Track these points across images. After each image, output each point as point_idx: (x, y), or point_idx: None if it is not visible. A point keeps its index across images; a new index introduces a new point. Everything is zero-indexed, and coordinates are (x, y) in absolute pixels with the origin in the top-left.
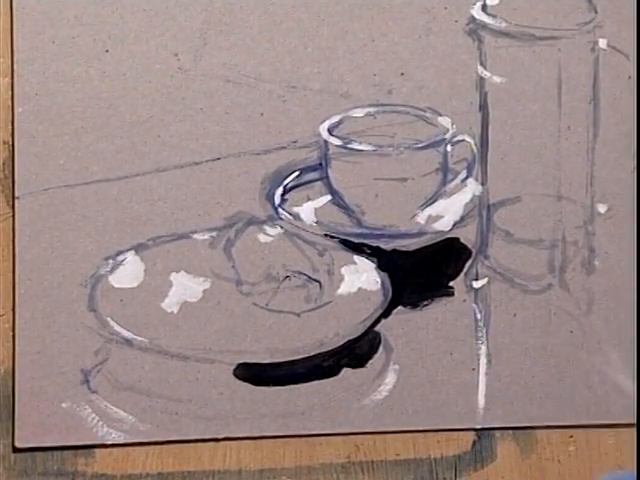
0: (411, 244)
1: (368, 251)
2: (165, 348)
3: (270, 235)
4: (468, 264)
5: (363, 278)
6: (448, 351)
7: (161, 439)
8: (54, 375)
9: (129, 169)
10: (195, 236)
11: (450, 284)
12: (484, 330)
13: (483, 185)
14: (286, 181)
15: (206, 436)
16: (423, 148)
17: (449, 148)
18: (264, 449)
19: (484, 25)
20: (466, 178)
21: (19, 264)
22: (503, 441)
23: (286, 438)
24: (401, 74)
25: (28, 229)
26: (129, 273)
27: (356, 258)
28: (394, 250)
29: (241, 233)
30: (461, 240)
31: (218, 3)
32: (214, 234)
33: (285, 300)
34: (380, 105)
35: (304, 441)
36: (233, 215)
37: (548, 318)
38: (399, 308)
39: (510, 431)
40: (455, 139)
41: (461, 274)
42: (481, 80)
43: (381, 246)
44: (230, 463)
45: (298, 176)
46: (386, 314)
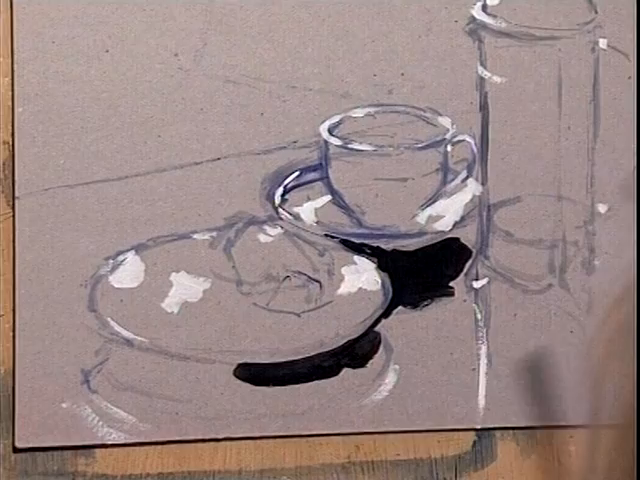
0: (411, 244)
1: (368, 251)
2: (165, 348)
3: (270, 235)
4: (468, 264)
5: (363, 278)
6: (448, 351)
7: (161, 439)
8: (54, 375)
9: (129, 169)
10: (195, 236)
11: (450, 284)
12: (484, 330)
13: (483, 185)
14: (286, 181)
15: (206, 436)
16: (423, 148)
17: (449, 148)
18: (264, 449)
19: (484, 25)
20: (466, 178)
21: (19, 264)
22: (503, 441)
23: (286, 438)
24: (401, 74)
25: (28, 229)
26: (129, 273)
27: (356, 258)
28: (394, 250)
29: (241, 233)
30: (461, 240)
31: (218, 3)
32: (214, 234)
33: (285, 300)
34: (380, 105)
35: (304, 441)
36: (233, 215)
37: (548, 318)
38: (399, 308)
39: (510, 431)
40: (455, 139)
41: (461, 274)
42: (481, 80)
43: (381, 246)
44: (230, 463)
45: (298, 176)
46: (386, 314)
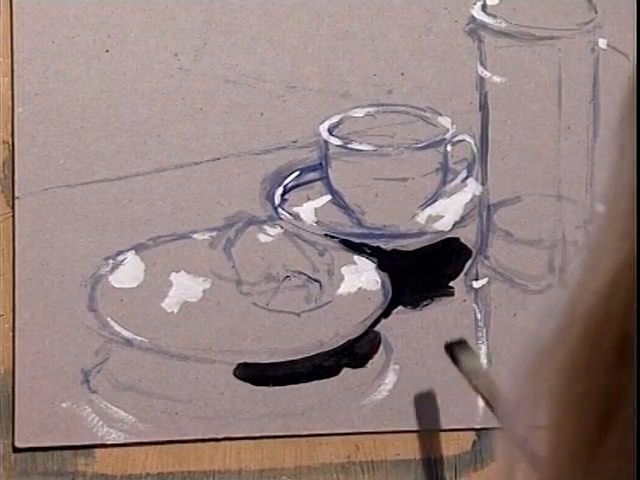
0: (411, 244)
1: (368, 251)
2: (165, 348)
3: (270, 235)
4: (468, 264)
5: (363, 278)
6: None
7: (161, 439)
8: (54, 375)
9: (129, 169)
10: (195, 236)
11: (450, 284)
12: (484, 330)
13: (483, 185)
14: (286, 181)
15: (206, 436)
16: (423, 148)
17: (449, 148)
18: (264, 449)
19: (484, 25)
20: (466, 178)
21: (19, 264)
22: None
23: (286, 438)
24: (401, 74)
25: (28, 229)
26: (129, 273)
27: (356, 258)
28: (394, 250)
29: (241, 233)
30: (461, 240)
31: (218, 3)
32: (214, 234)
33: (285, 300)
34: (380, 105)
35: (304, 441)
36: (233, 215)
37: None
38: (399, 308)
39: None
40: (455, 139)
41: (461, 274)
42: (481, 80)
43: (381, 246)
44: (230, 463)
45: (298, 176)
46: (386, 314)
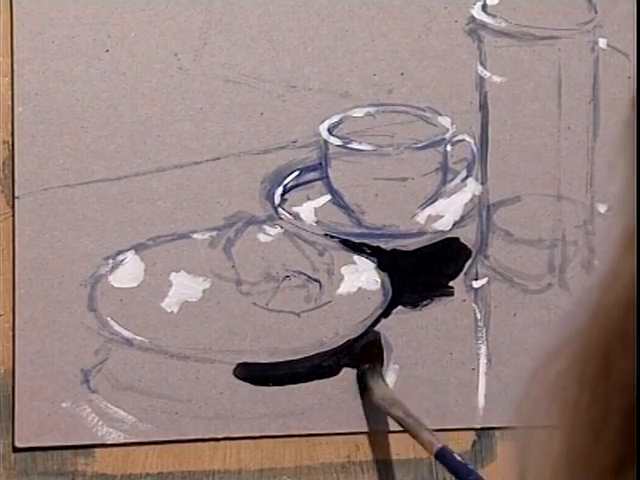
0: (411, 244)
1: (368, 251)
2: (165, 348)
3: (270, 235)
4: (468, 264)
5: (363, 278)
6: (448, 351)
7: (161, 439)
8: (54, 375)
9: (129, 169)
10: (195, 236)
11: (450, 284)
12: (484, 330)
13: (483, 185)
14: (286, 181)
15: (206, 436)
16: (423, 148)
17: (449, 148)
18: (264, 449)
19: (484, 25)
20: (466, 178)
21: (19, 264)
22: (503, 441)
23: (286, 438)
24: (401, 74)
25: (28, 229)
26: (129, 273)
27: (356, 258)
28: (394, 250)
29: (241, 233)
30: (461, 240)
31: (218, 3)
32: (214, 234)
33: (285, 300)
34: (380, 105)
35: (304, 441)
36: (233, 215)
37: (548, 318)
38: (399, 308)
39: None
40: (455, 139)
41: (461, 274)
42: (481, 80)
43: (381, 246)
44: (230, 463)
45: (298, 176)
46: (386, 314)
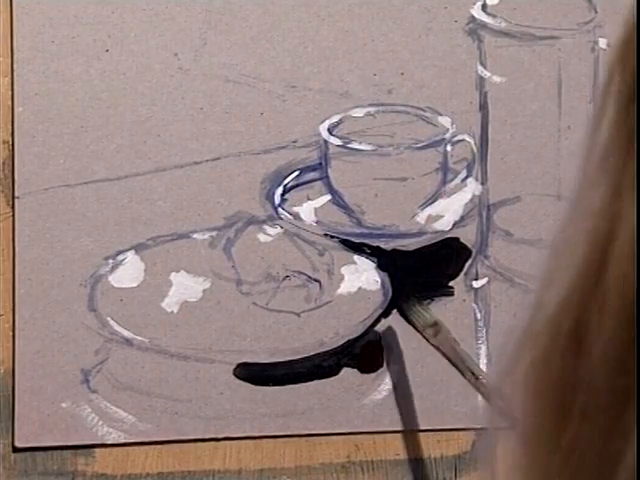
0: (411, 244)
1: (368, 251)
2: (165, 348)
3: (270, 235)
4: (468, 264)
5: (363, 278)
6: None
7: (161, 439)
8: (54, 375)
9: (129, 169)
10: (195, 236)
11: (450, 284)
12: (484, 330)
13: (483, 185)
14: (286, 181)
15: (206, 436)
16: (423, 148)
17: (449, 148)
18: (264, 449)
19: (484, 25)
20: (466, 178)
21: (19, 264)
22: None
23: (286, 438)
24: (401, 74)
25: (28, 229)
26: (129, 273)
27: (356, 258)
28: (394, 250)
29: (241, 233)
30: (461, 240)
31: (218, 3)
32: (214, 234)
33: (285, 300)
34: (380, 105)
35: (304, 441)
36: (233, 215)
37: None
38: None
39: None
40: (455, 139)
41: (461, 274)
42: (481, 80)
43: (381, 246)
44: (230, 463)
45: (298, 176)
46: (386, 314)
